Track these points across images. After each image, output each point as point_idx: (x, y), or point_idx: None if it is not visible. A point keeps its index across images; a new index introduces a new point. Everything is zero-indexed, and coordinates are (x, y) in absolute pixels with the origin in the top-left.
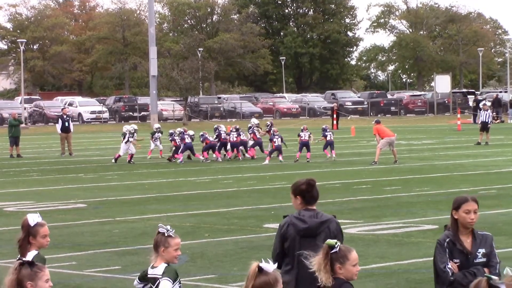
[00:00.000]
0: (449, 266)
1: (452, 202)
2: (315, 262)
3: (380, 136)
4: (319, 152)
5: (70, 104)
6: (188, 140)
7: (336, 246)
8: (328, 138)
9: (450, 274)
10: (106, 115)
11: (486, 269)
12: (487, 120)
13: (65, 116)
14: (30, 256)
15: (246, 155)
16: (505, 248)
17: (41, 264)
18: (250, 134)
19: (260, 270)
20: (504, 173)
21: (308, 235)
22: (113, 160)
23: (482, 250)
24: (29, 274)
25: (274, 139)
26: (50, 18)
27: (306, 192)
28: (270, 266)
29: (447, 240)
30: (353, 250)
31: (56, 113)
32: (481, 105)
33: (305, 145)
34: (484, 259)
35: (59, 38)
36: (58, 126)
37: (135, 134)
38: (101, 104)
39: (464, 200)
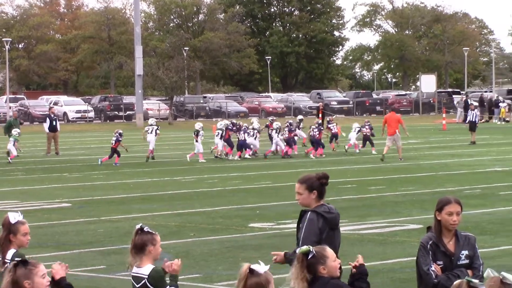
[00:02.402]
0: (433, 268)
1: (436, 203)
2: (290, 272)
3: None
4: (302, 152)
5: (56, 103)
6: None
7: (311, 250)
8: (332, 130)
9: (434, 276)
10: (92, 114)
11: (469, 271)
12: (474, 120)
13: (52, 115)
14: (9, 254)
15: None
16: (490, 248)
17: (35, 261)
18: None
19: (251, 271)
20: (489, 173)
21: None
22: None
23: (465, 252)
24: (24, 273)
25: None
26: (35, 17)
27: (323, 187)
28: (261, 268)
29: (430, 242)
30: (327, 247)
31: (41, 112)
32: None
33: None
34: (467, 261)
35: (44, 37)
36: (46, 125)
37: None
38: (87, 104)
39: (447, 202)
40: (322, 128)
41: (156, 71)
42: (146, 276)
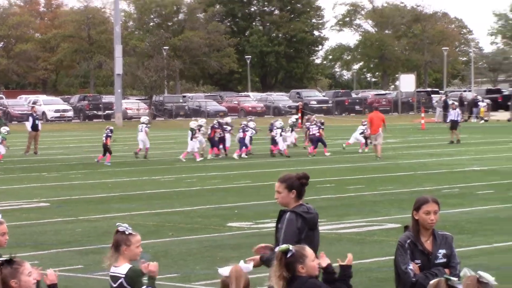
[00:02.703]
0: (411, 267)
1: (414, 202)
2: (270, 271)
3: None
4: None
5: (34, 103)
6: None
7: (290, 249)
8: (312, 132)
9: (412, 275)
10: (71, 113)
11: (446, 270)
12: (456, 119)
13: (35, 115)
14: None
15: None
16: (468, 247)
17: (19, 259)
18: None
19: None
20: (468, 172)
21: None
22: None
23: (442, 251)
24: (10, 272)
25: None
26: (15, 16)
27: (303, 187)
28: (249, 266)
29: (408, 241)
30: (306, 247)
31: (20, 112)
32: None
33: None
34: (444, 260)
35: (24, 36)
36: (28, 124)
37: (202, 128)
38: (66, 103)
39: (425, 201)
40: (322, 127)
41: (136, 70)
42: (123, 276)
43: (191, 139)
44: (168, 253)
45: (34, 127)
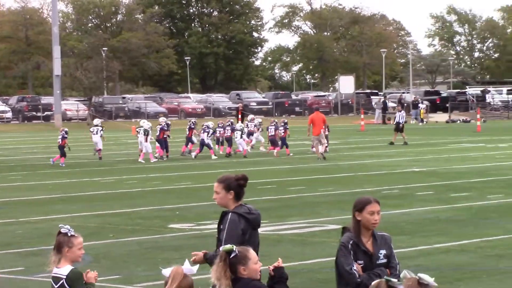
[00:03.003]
0: (355, 268)
1: (354, 203)
2: (212, 271)
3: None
4: (223, 152)
5: None
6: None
7: (234, 249)
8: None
9: (357, 276)
10: (9, 115)
11: (387, 270)
12: (400, 121)
13: None
14: None
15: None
16: (408, 248)
17: None
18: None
19: (185, 274)
20: (407, 173)
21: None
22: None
23: (383, 251)
24: None
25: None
26: None
27: (241, 188)
28: (194, 269)
29: (351, 242)
30: (250, 249)
31: None
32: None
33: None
34: (385, 260)
35: None
36: None
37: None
38: (4, 104)
39: (368, 202)
40: (287, 127)
41: (75, 71)
42: (64, 277)
43: (146, 141)
44: (109, 255)
45: None
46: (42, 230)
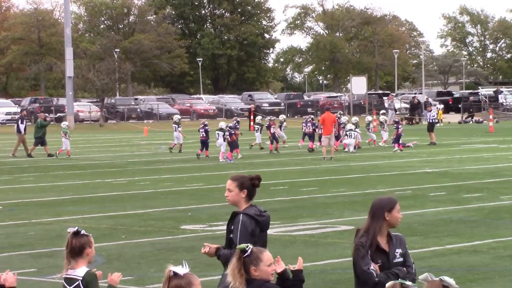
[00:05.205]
0: (372, 267)
1: (381, 204)
2: (228, 268)
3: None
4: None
5: None
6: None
7: (248, 249)
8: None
9: (375, 275)
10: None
11: (404, 269)
12: (431, 120)
13: None
14: None
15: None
16: (420, 249)
17: None
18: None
19: (175, 274)
20: (419, 174)
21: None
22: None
23: (399, 250)
24: None
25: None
26: None
27: (254, 188)
28: (182, 270)
29: (368, 242)
30: (265, 251)
31: None
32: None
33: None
34: (401, 259)
35: None
36: None
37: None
38: (17, 105)
39: (395, 201)
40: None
41: (87, 73)
42: (81, 278)
43: (224, 140)
44: (121, 256)
45: None
46: (54, 232)
